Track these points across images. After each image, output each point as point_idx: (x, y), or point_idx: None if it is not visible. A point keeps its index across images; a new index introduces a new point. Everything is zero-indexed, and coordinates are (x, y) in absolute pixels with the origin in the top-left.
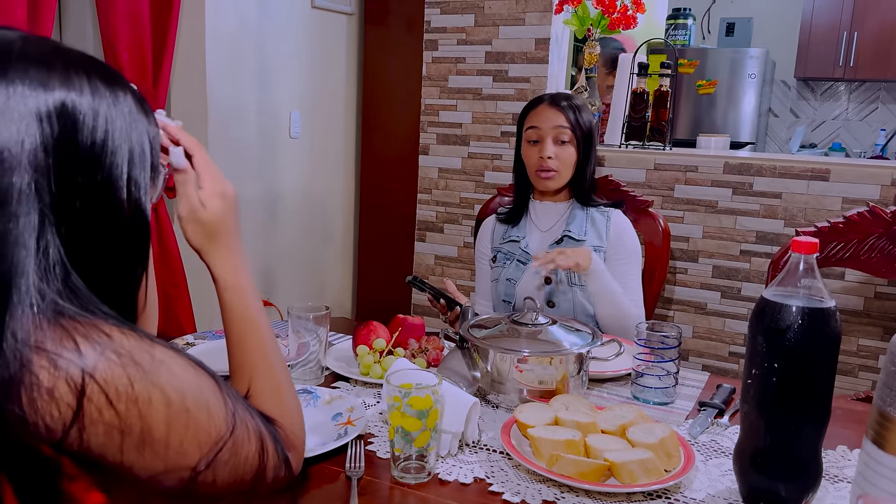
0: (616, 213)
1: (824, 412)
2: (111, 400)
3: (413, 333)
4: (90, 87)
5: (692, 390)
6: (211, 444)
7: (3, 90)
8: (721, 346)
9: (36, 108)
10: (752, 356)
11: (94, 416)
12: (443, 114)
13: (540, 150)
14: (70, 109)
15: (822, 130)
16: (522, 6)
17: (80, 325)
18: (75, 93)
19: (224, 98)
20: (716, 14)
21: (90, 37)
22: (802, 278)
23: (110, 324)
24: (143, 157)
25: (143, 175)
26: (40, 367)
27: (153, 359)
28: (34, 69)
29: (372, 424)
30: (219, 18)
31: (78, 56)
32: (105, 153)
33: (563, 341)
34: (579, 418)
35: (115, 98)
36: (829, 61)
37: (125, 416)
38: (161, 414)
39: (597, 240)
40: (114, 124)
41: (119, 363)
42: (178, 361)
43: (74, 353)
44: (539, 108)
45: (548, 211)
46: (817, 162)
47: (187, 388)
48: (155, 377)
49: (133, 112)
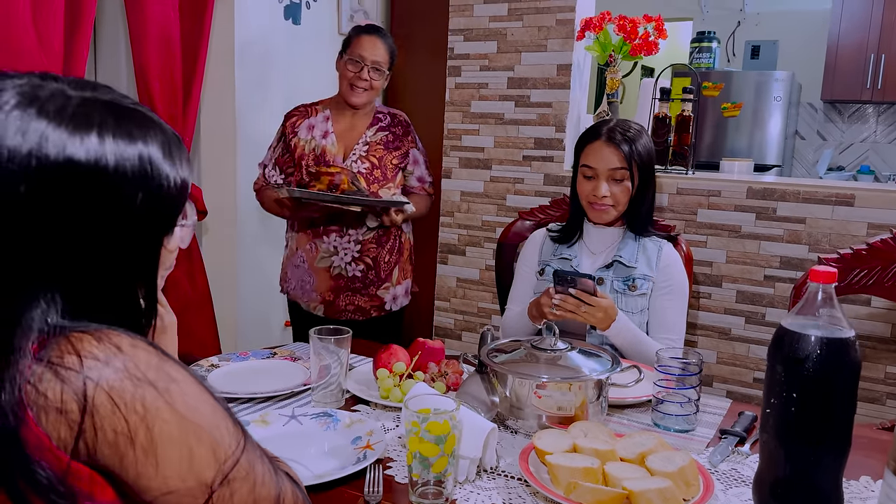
0: (668, 245)
1: (844, 442)
2: (118, 407)
3: (433, 357)
4: (101, 138)
5: (714, 417)
6: (223, 460)
7: (27, 132)
8: (745, 371)
9: (56, 154)
10: (770, 385)
11: (102, 424)
12: (465, 138)
13: (594, 189)
14: (89, 159)
15: (850, 153)
16: (544, 33)
17: (91, 336)
18: (95, 143)
19: (252, 123)
20: (741, 37)
21: (123, 64)
22: (821, 307)
23: (120, 334)
24: (159, 203)
25: (155, 220)
26: (47, 382)
27: (161, 370)
28: (65, 120)
29: (391, 449)
30: (248, 45)
31: (106, 107)
32: (120, 196)
33: (583, 367)
34: (598, 446)
35: (131, 145)
36: (856, 83)
37: (133, 425)
38: (170, 424)
39: (646, 268)
40: (126, 171)
41: (126, 373)
42: (187, 377)
43: (80, 365)
44: (595, 144)
45: (600, 235)
46: (842, 187)
47: (197, 402)
48: (164, 389)
49: (155, 160)
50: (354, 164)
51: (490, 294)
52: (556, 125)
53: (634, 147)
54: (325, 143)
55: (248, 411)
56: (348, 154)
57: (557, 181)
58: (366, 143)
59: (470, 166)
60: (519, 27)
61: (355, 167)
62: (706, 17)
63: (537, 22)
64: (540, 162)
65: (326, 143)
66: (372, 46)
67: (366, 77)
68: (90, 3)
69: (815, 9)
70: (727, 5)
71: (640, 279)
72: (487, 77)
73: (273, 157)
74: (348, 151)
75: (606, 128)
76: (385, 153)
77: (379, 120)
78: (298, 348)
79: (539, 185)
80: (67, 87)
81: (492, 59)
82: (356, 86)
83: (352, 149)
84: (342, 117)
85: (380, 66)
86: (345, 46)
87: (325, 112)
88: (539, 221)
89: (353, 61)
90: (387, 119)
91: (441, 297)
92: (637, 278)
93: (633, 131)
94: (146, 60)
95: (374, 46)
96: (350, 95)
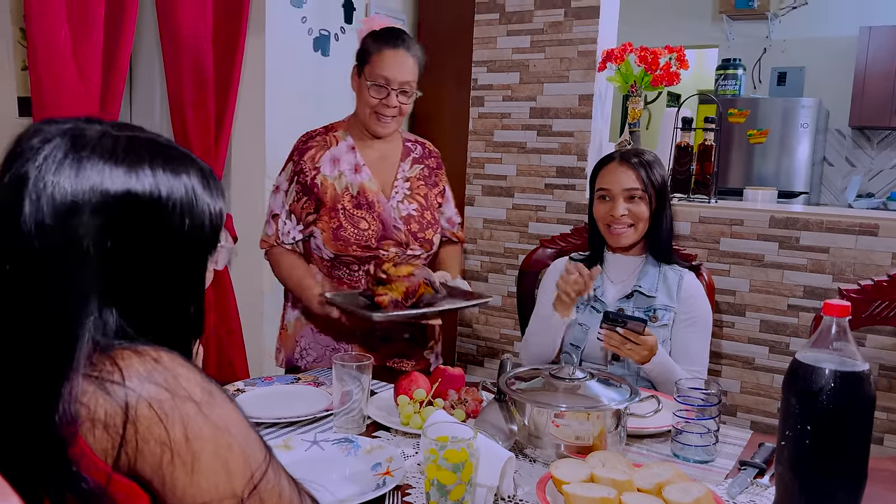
0: (689, 274)
1: (860, 475)
2: (160, 419)
3: (453, 384)
4: (153, 172)
5: (734, 448)
6: (253, 472)
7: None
8: (769, 401)
9: (117, 188)
10: (785, 417)
11: (144, 435)
12: (488, 166)
13: (611, 209)
14: (146, 192)
15: (880, 179)
16: (566, 64)
17: (132, 352)
18: (150, 177)
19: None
20: (767, 64)
21: (158, 95)
22: (835, 341)
23: (160, 351)
24: (202, 230)
25: (200, 244)
26: (91, 395)
27: (199, 385)
28: (118, 158)
29: (410, 476)
30: (278, 77)
31: (150, 145)
32: (171, 222)
33: (602, 397)
34: (615, 476)
35: (177, 178)
36: (885, 110)
37: (174, 436)
38: (207, 437)
39: (667, 299)
40: (176, 201)
41: (167, 386)
42: (220, 393)
43: (123, 379)
44: (609, 166)
45: (620, 264)
46: (865, 217)
47: (231, 416)
48: (202, 402)
49: (197, 191)
50: (401, 204)
51: (512, 321)
52: (578, 154)
53: (650, 169)
54: (360, 180)
55: (271, 436)
56: (389, 192)
57: (579, 209)
58: (406, 179)
59: (493, 194)
60: (541, 59)
61: (403, 209)
62: (731, 44)
63: (559, 53)
64: (562, 190)
65: (363, 180)
66: (398, 65)
67: (393, 104)
68: (127, 37)
69: (841, 35)
70: (753, 32)
71: (661, 310)
72: (510, 107)
73: (286, 203)
74: (388, 189)
75: (620, 152)
76: (427, 190)
77: (410, 150)
78: (322, 374)
79: (561, 213)
80: (111, 129)
81: (514, 90)
82: (382, 115)
83: (392, 185)
84: (368, 146)
85: (409, 86)
86: (361, 59)
87: (346, 140)
88: (560, 249)
89: (376, 86)
90: (417, 149)
91: (463, 323)
92: (658, 309)
93: (648, 155)
94: (180, 92)
95: (401, 64)
96: (376, 126)
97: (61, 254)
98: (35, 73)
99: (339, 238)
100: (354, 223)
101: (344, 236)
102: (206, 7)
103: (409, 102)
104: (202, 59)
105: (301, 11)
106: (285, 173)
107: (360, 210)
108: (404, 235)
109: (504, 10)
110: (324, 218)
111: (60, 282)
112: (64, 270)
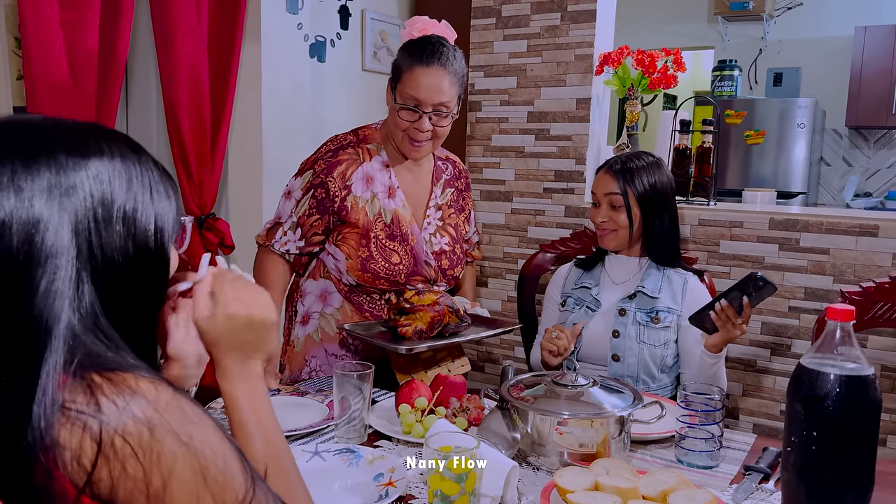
0: (693, 278)
1: (867, 480)
2: (136, 453)
3: (454, 392)
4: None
5: (738, 453)
6: (237, 501)
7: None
8: (772, 404)
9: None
10: (790, 423)
11: (117, 469)
12: (486, 171)
13: (596, 214)
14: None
15: (878, 179)
16: (564, 68)
17: (109, 379)
18: (105, 168)
19: (279, 159)
20: (763, 65)
21: (154, 102)
22: (839, 345)
23: (138, 377)
24: (167, 218)
25: (166, 229)
26: (61, 426)
27: (180, 412)
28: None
29: (413, 486)
30: (274, 83)
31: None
32: (135, 218)
33: (605, 403)
34: (620, 483)
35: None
36: (881, 109)
37: (148, 471)
38: (184, 469)
39: (670, 301)
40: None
41: (143, 417)
42: (204, 418)
43: (98, 410)
44: (598, 174)
45: (621, 264)
46: (865, 218)
47: (213, 448)
48: (181, 433)
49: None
50: (433, 238)
51: None
52: (577, 158)
53: (633, 175)
54: (395, 206)
55: None
56: (421, 221)
57: (578, 213)
58: (437, 207)
59: (491, 198)
60: (538, 63)
61: (435, 243)
62: (727, 45)
63: (556, 58)
64: (561, 194)
65: (396, 206)
66: (431, 85)
67: (426, 128)
68: (123, 45)
69: (837, 35)
70: (748, 34)
71: (664, 311)
72: (508, 111)
73: (295, 213)
74: (420, 217)
75: (610, 158)
76: (457, 219)
77: (441, 171)
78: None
79: (560, 217)
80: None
81: (512, 94)
82: (414, 139)
83: (424, 214)
84: (403, 166)
85: (445, 107)
86: (395, 75)
87: (380, 156)
88: (560, 254)
89: (406, 109)
90: (448, 169)
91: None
92: (661, 311)
93: (637, 162)
94: (176, 98)
95: (435, 85)
96: (409, 150)
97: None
98: (30, 81)
99: (367, 270)
100: (386, 255)
101: (374, 269)
102: (202, 14)
103: (447, 125)
104: (198, 67)
105: (297, 18)
106: (301, 180)
107: (392, 242)
108: (434, 272)
109: (500, 15)
110: (350, 242)
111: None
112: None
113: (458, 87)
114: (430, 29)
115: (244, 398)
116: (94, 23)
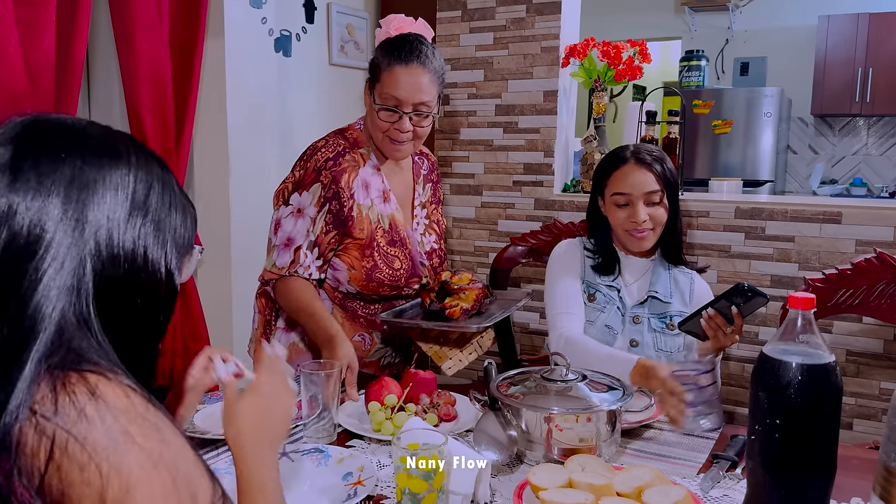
0: (698, 277)
1: (830, 467)
2: (92, 458)
3: (424, 388)
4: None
5: (706, 442)
6: None
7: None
8: (741, 391)
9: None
10: (754, 412)
11: (70, 474)
12: (456, 165)
13: (631, 215)
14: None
15: (843, 166)
16: (530, 61)
17: (84, 379)
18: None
19: (245, 156)
20: (729, 54)
21: (116, 100)
22: (801, 334)
23: (111, 382)
24: (176, 241)
25: (174, 253)
26: (27, 427)
27: (145, 422)
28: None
29: (384, 485)
30: (239, 79)
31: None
32: (152, 226)
33: (594, 397)
34: (594, 480)
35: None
36: (845, 97)
37: (106, 478)
38: (144, 479)
39: (680, 304)
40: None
41: (102, 424)
42: (170, 428)
43: (55, 413)
44: (625, 168)
45: (631, 265)
46: (829, 205)
47: (178, 454)
48: (144, 442)
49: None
50: (424, 238)
51: None
52: (545, 150)
53: (665, 166)
54: (390, 211)
55: None
56: (411, 222)
57: (548, 205)
58: (422, 206)
59: (461, 192)
60: (505, 55)
61: (426, 242)
62: (694, 35)
63: (523, 50)
64: (530, 187)
65: (392, 211)
66: (413, 83)
67: (406, 128)
68: (81, 42)
69: (801, 24)
70: (714, 24)
71: (677, 316)
72: (475, 105)
73: (312, 233)
74: (409, 218)
75: (630, 151)
76: (438, 215)
77: (419, 166)
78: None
79: (530, 210)
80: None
81: (479, 87)
82: (395, 140)
83: (412, 214)
84: (390, 168)
85: (426, 106)
86: (374, 75)
87: (372, 159)
88: (531, 247)
89: (386, 109)
90: (424, 163)
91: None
92: (674, 315)
93: (657, 152)
94: (138, 96)
95: (417, 82)
96: (390, 151)
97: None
98: None
99: (372, 279)
100: (389, 262)
101: (379, 278)
102: (163, 9)
103: (427, 125)
104: (159, 63)
105: (261, 12)
106: (310, 196)
107: (393, 247)
108: (427, 271)
109: (466, 7)
110: (353, 253)
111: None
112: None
113: (439, 86)
114: (408, 27)
115: (261, 490)
116: (51, 20)
